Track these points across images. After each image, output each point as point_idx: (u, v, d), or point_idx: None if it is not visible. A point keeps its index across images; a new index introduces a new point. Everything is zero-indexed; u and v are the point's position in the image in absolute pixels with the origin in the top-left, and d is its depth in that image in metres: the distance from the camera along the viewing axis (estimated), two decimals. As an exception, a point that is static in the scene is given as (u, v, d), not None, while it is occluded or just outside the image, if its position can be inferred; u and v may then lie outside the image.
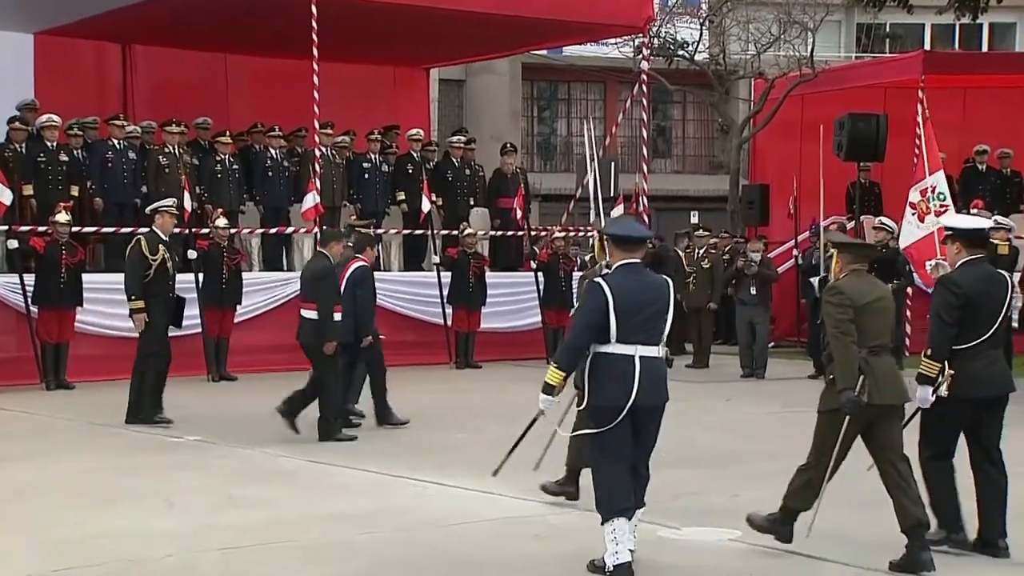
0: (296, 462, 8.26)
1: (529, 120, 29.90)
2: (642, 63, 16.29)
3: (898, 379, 5.84)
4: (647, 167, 16.91)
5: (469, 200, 15.80)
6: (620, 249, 5.56)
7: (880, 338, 5.83)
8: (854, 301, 5.77)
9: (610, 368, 5.39)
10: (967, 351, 5.81)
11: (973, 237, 5.95)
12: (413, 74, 17.99)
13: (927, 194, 12.46)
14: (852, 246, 6.09)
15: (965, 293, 5.79)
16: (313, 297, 9.04)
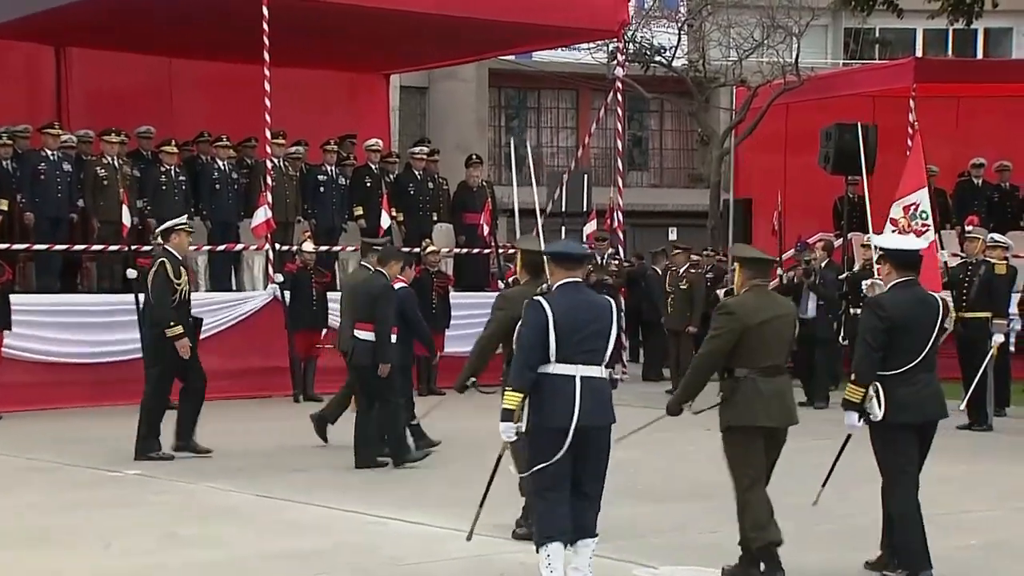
0: (244, 496, 8.21)
1: (496, 130, 29.99)
2: (617, 70, 16.39)
3: (783, 402, 6.10)
4: (622, 180, 17.00)
5: (432, 215, 15.80)
6: (561, 268, 5.76)
7: (774, 358, 6.06)
8: (746, 321, 6.00)
9: (551, 389, 5.58)
10: (897, 376, 5.98)
11: (903, 259, 6.12)
12: (372, 80, 18.01)
13: (910, 211, 12.57)
14: (753, 260, 6.24)
15: (891, 317, 5.97)
16: (369, 317, 9.12)
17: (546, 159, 30.46)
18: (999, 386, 12.01)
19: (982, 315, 11.61)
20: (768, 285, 6.25)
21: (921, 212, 12.49)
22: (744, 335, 6.00)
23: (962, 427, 11.57)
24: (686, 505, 7.79)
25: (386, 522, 7.43)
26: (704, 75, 21.68)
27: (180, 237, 9.69)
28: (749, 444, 6.04)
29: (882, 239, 6.36)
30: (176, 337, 9.54)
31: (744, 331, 6.00)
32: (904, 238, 6.42)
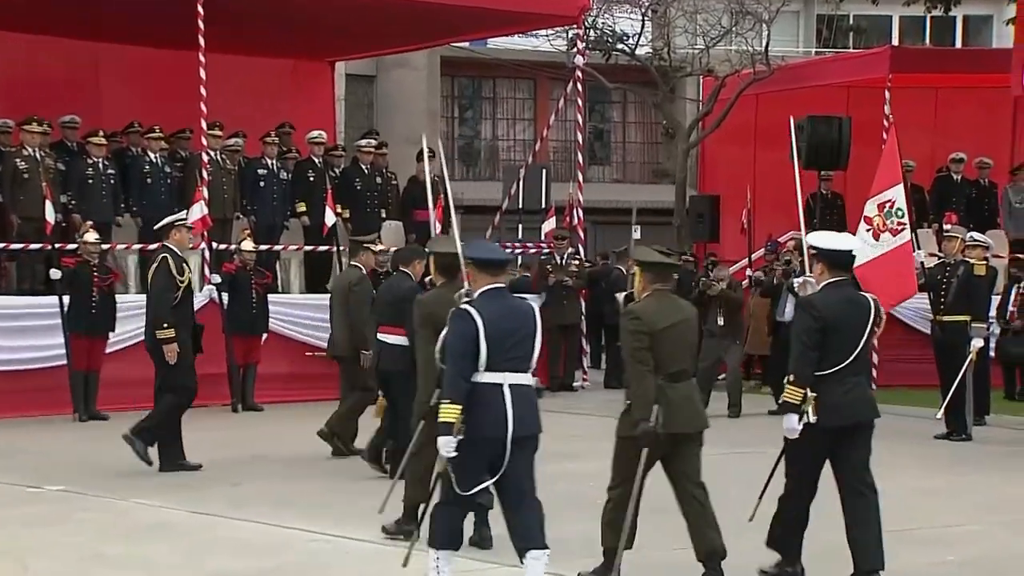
0: (175, 513, 8.14)
1: (449, 121, 29.97)
2: (577, 58, 16.41)
3: (695, 406, 6.39)
4: (582, 175, 17.02)
5: (380, 212, 15.76)
6: (484, 273, 5.98)
7: (680, 363, 6.33)
8: (652, 326, 6.24)
9: (480, 398, 5.80)
10: (828, 377, 6.21)
11: (836, 259, 6.33)
12: (316, 68, 17.93)
13: (884, 208, 12.63)
14: (655, 265, 6.44)
15: (824, 317, 6.19)
16: (398, 320, 9.01)
17: (502, 152, 30.50)
18: (978, 393, 12.12)
19: (961, 318, 11.69)
20: (670, 289, 6.48)
21: (897, 210, 12.55)
22: (651, 340, 6.22)
23: (940, 436, 11.68)
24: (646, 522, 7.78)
25: (330, 540, 7.38)
26: (669, 64, 21.74)
27: (181, 233, 9.71)
28: (650, 451, 6.24)
29: (815, 237, 6.54)
30: (166, 340, 9.53)
31: (651, 336, 6.22)
32: (837, 236, 6.59)
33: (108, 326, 12.80)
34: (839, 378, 6.22)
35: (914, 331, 15.13)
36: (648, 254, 6.60)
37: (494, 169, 29.78)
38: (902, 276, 12.23)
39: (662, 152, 30.64)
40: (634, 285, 6.61)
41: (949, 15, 21.50)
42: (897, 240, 12.43)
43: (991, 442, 11.58)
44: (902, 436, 11.95)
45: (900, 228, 12.45)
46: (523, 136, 30.20)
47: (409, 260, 9.49)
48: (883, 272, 12.34)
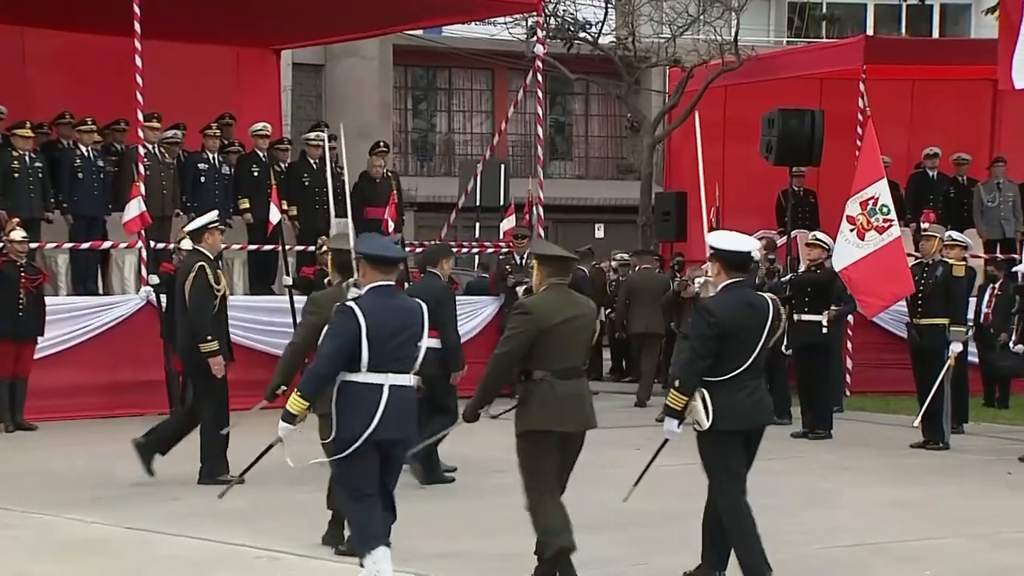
0: (110, 529, 8.06)
1: (402, 114, 29.92)
2: (537, 47, 16.42)
3: (580, 406, 6.56)
4: (543, 171, 17.02)
5: (329, 209, 15.69)
6: (374, 270, 6.14)
7: (571, 359, 6.53)
8: (542, 321, 6.43)
9: (358, 398, 6.02)
10: (728, 382, 6.40)
11: (733, 260, 6.51)
12: (260, 56, 17.84)
13: (867, 206, 12.68)
14: (552, 258, 6.65)
15: (720, 323, 6.38)
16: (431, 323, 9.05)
17: (458, 147, 30.49)
18: (957, 400, 12.21)
19: (939, 321, 11.75)
20: (567, 283, 6.66)
21: (881, 207, 12.61)
22: (541, 336, 6.40)
23: (916, 445, 11.76)
24: (612, 536, 7.80)
25: (278, 556, 7.33)
26: (634, 54, 21.80)
27: (214, 236, 9.75)
28: (544, 449, 6.45)
29: (713, 237, 6.67)
30: (211, 353, 9.50)
31: (541, 332, 6.40)
32: (736, 236, 6.70)
33: (36, 330, 12.68)
34: (739, 382, 6.41)
35: (890, 335, 15.24)
36: (546, 247, 6.86)
37: (450, 164, 29.76)
38: (897, 274, 12.30)
39: (626, 147, 30.72)
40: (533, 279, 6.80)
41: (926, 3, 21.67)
42: (885, 238, 12.49)
43: (970, 451, 11.68)
44: (877, 445, 12.05)
45: (887, 225, 12.51)
46: (480, 129, 30.20)
47: (437, 260, 9.81)
48: (874, 272, 12.43)
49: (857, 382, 15.53)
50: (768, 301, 6.58)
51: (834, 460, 11.21)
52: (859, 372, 15.60)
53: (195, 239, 9.82)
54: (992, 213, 17.12)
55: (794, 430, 12.63)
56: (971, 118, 18.28)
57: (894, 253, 12.41)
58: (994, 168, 17.32)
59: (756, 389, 6.50)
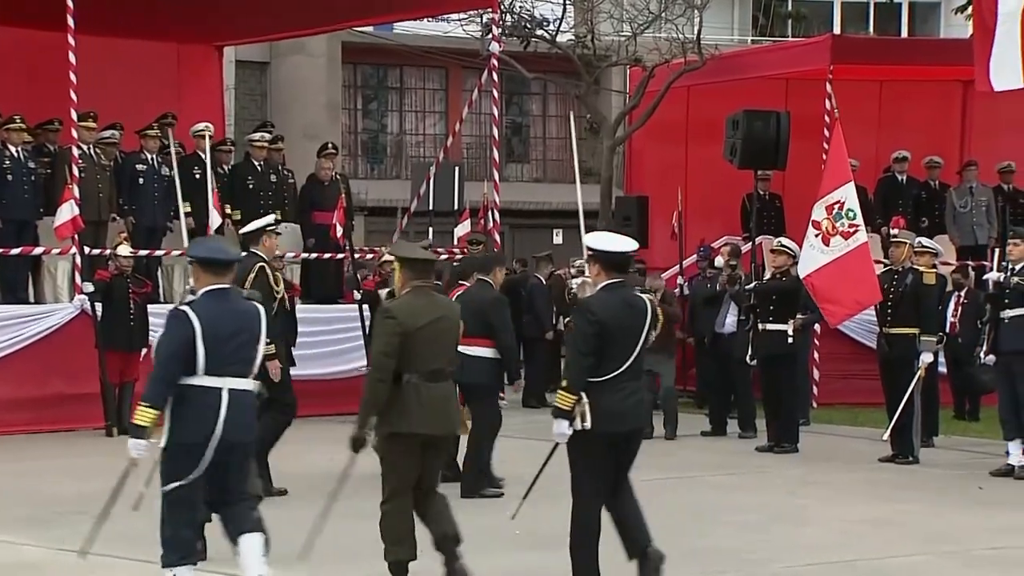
0: (42, 551, 7.99)
1: (352, 114, 29.85)
2: (492, 45, 16.42)
3: (446, 409, 6.90)
4: (499, 174, 17.03)
5: (275, 214, 15.63)
6: (207, 273, 6.35)
7: (437, 362, 6.84)
8: (407, 325, 6.73)
9: (195, 402, 6.20)
10: (605, 383, 6.61)
11: (612, 260, 6.75)
12: (201, 53, 17.76)
13: (833, 211, 12.75)
14: (413, 261, 6.98)
15: (600, 321, 6.59)
16: (481, 331, 9.70)
17: (410, 148, 30.45)
18: (927, 413, 12.29)
19: (908, 331, 11.85)
20: (431, 286, 6.99)
21: (847, 211, 12.67)
22: (407, 339, 6.71)
23: (885, 459, 11.84)
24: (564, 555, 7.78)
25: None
26: (593, 52, 21.87)
27: (271, 240, 9.88)
28: (405, 452, 6.75)
29: (591, 238, 6.91)
30: (270, 356, 9.49)
31: (406, 335, 6.71)
32: (615, 237, 6.95)
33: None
34: (617, 383, 6.61)
35: (858, 344, 15.34)
36: (407, 250, 7.13)
37: (401, 167, 29.71)
38: (863, 281, 12.37)
39: (585, 149, 30.78)
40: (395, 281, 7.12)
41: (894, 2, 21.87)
42: (851, 243, 12.55)
43: (940, 465, 11.77)
44: (845, 459, 12.13)
45: (853, 230, 12.57)
46: (433, 131, 30.18)
47: (489, 268, 10.17)
48: (839, 279, 12.49)
49: (824, 394, 15.62)
50: (647, 302, 6.84)
51: (800, 475, 11.27)
52: (826, 383, 15.69)
53: (251, 242, 9.93)
54: (964, 219, 17.25)
55: (759, 444, 12.69)
56: (941, 120, 18.44)
57: (860, 259, 12.48)
58: (966, 172, 17.46)
59: (635, 391, 6.72)
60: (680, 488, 10.47)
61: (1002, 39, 11.66)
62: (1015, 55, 11.64)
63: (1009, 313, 11.09)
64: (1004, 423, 11.22)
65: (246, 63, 25.81)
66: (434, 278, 7.08)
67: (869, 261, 12.49)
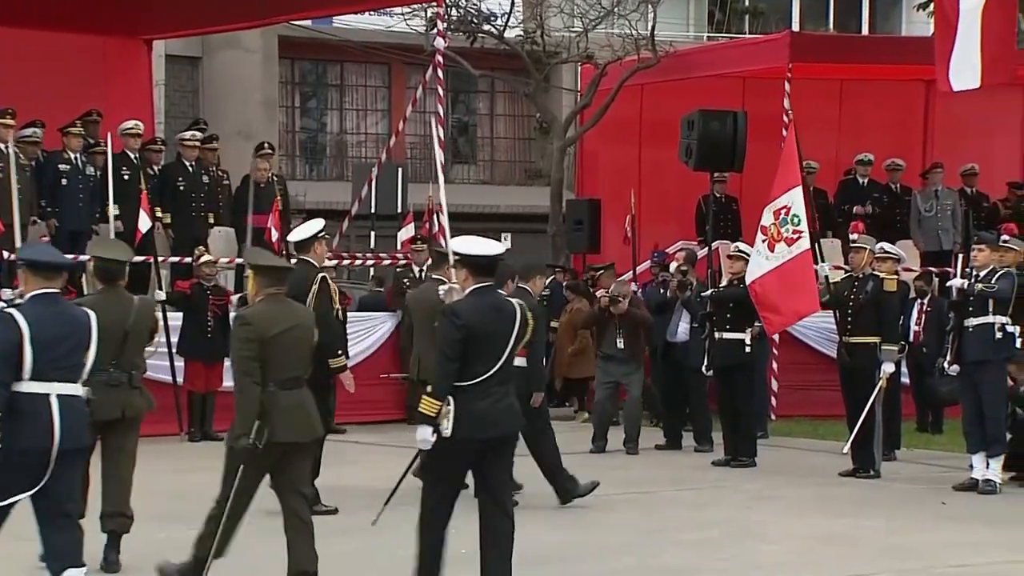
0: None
1: (289, 112, 29.73)
2: (437, 40, 16.42)
3: (307, 415, 7.11)
4: (444, 176, 16.98)
5: (208, 217, 15.56)
6: (37, 276, 6.47)
7: (293, 370, 7.06)
8: (263, 332, 6.94)
9: (23, 408, 6.27)
10: (472, 388, 6.82)
11: (479, 264, 7.00)
12: (129, 47, 17.61)
13: (780, 216, 12.81)
14: (268, 268, 7.20)
15: (467, 325, 6.82)
16: None
17: (351, 148, 30.37)
18: (889, 425, 12.38)
19: (869, 340, 11.92)
20: (283, 292, 7.18)
21: (792, 216, 12.73)
22: (262, 346, 6.91)
23: (845, 473, 11.92)
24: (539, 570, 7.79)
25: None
26: (543, 49, 21.90)
27: (322, 247, 9.97)
28: (261, 459, 6.92)
29: (457, 243, 7.16)
30: (340, 369, 9.80)
31: (262, 343, 6.91)
32: (481, 241, 7.17)
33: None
34: (484, 388, 6.81)
35: (817, 354, 15.43)
36: (261, 257, 7.38)
37: (342, 168, 29.62)
38: (802, 291, 12.44)
39: (535, 149, 30.82)
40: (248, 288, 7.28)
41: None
42: (794, 250, 12.60)
43: (902, 480, 11.86)
44: (804, 473, 12.20)
45: (796, 237, 12.61)
46: (376, 130, 30.11)
47: (528, 275, 10.38)
48: (780, 287, 12.54)
49: (783, 405, 15.70)
50: (516, 306, 7.02)
51: (758, 490, 11.32)
52: (785, 394, 15.78)
53: (302, 249, 9.98)
54: (929, 223, 17.38)
55: (715, 457, 12.74)
56: (903, 121, 18.59)
57: (801, 267, 12.55)
58: (931, 175, 17.60)
59: (504, 396, 6.90)
60: (633, 504, 10.49)
61: (963, 37, 11.77)
62: (974, 54, 11.75)
63: (973, 321, 11.21)
64: (968, 436, 11.33)
65: (177, 58, 25.65)
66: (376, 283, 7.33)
67: (810, 269, 12.56)
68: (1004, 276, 11.15)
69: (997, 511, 10.42)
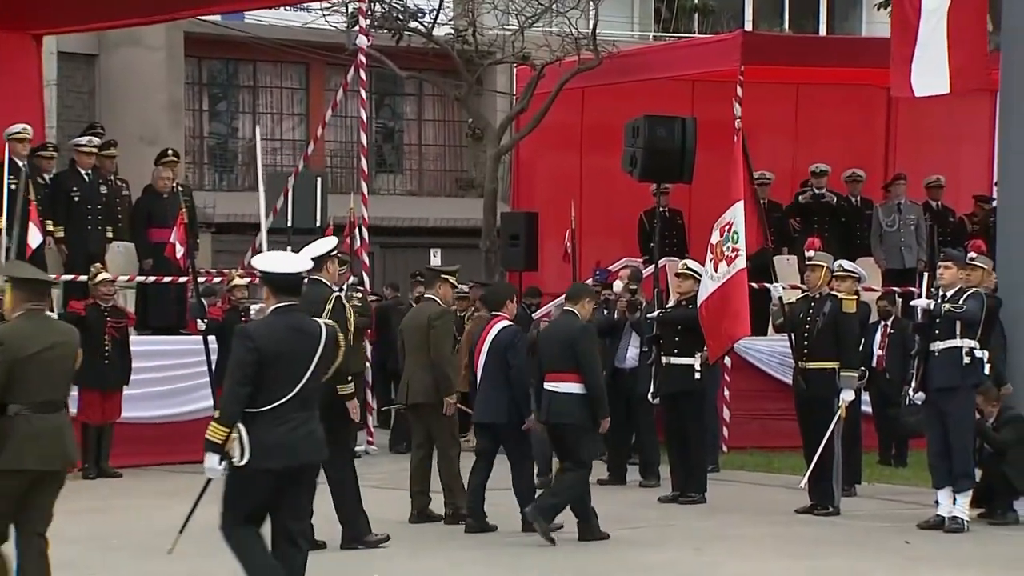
0: None
1: (196, 116, 29.57)
2: (359, 39, 16.41)
3: (59, 441, 7.18)
4: (368, 186, 16.99)
5: (105, 231, 15.46)
6: None
7: (51, 392, 7.15)
8: (16, 351, 7.02)
9: None
10: (267, 414, 6.99)
11: (280, 283, 7.20)
12: (16, 42, 17.43)
13: (725, 232, 12.90)
14: (27, 282, 7.28)
15: (260, 348, 7.00)
16: (569, 365, 10.51)
17: (266, 156, 30.23)
18: (848, 457, 12.46)
19: (827, 365, 11.99)
20: (45, 309, 7.28)
21: (733, 233, 12.83)
22: (16, 366, 7.00)
23: (802, 510, 11.98)
24: None
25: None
26: (475, 48, 21.94)
27: (334, 265, 10.19)
28: (9, 490, 7.04)
29: (259, 260, 7.37)
30: (348, 396, 9.90)
31: (15, 363, 7.00)
32: (284, 258, 7.51)
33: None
34: (281, 414, 6.99)
35: (773, 380, 15.54)
36: (19, 269, 7.49)
37: (255, 177, 29.45)
38: (737, 313, 12.54)
39: (467, 158, 30.85)
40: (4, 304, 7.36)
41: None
42: (732, 269, 12.72)
43: (863, 517, 11.94)
44: (758, 510, 12.25)
45: (735, 255, 12.71)
46: (292, 136, 30.01)
47: (580, 298, 10.75)
48: (721, 309, 12.64)
49: (735, 436, 15.78)
50: (322, 327, 7.18)
51: (709, 528, 11.36)
52: (737, 424, 15.86)
53: (313, 269, 9.91)
54: (892, 239, 17.50)
55: (662, 493, 12.77)
56: (863, 128, 18.78)
57: (736, 288, 12.65)
58: (893, 187, 17.74)
59: (304, 422, 7.06)
60: (573, 545, 10.49)
61: (927, 39, 11.89)
62: (941, 58, 11.87)
63: (940, 345, 11.30)
64: (933, 469, 11.40)
65: (70, 55, 25.43)
66: None
67: (744, 290, 12.67)
68: (972, 296, 11.24)
69: (965, 551, 10.52)
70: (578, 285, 11.82)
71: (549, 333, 11.18)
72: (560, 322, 11.08)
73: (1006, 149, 13.06)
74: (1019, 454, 11.45)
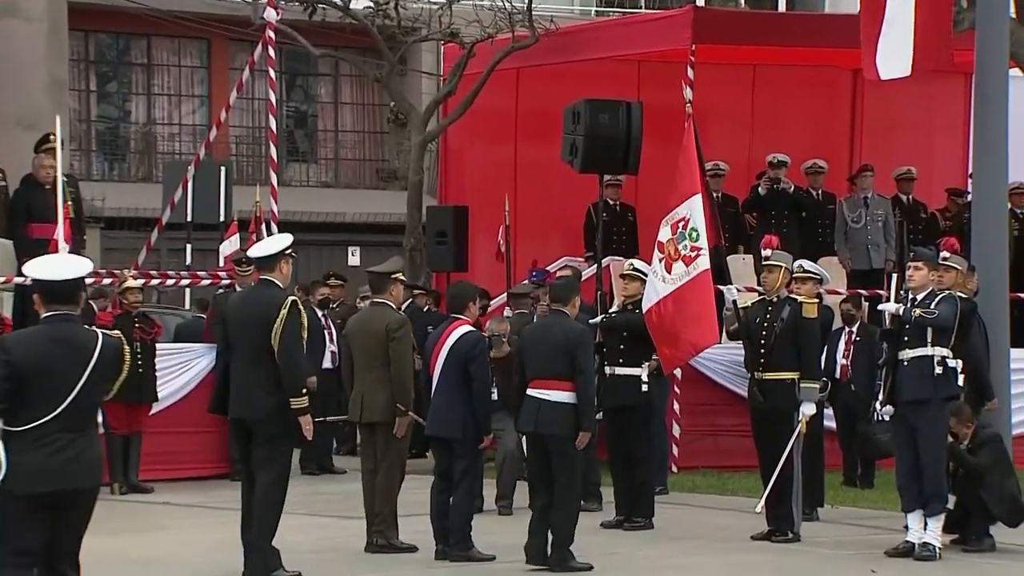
0: None
1: (83, 97, 29.40)
2: (267, 12, 16.40)
3: None
4: (277, 177, 16.97)
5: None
6: None
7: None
8: None
9: None
10: (29, 434, 7.06)
11: (51, 290, 7.28)
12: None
13: (678, 229, 12.95)
14: None
15: (14, 361, 7.08)
16: (561, 372, 10.63)
17: (162, 143, 30.11)
18: (810, 478, 12.54)
19: (786, 376, 12.07)
20: None
21: (691, 231, 12.88)
22: None
23: (759, 536, 12.08)
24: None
25: None
26: (397, 24, 21.94)
27: (288, 266, 10.29)
28: None
29: (30, 266, 7.43)
30: (301, 411, 10.03)
31: None
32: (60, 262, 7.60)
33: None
34: (43, 435, 7.04)
35: (727, 393, 15.61)
36: None
37: (150, 166, 29.36)
38: (700, 319, 12.60)
39: (389, 146, 30.86)
40: None
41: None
42: (691, 271, 12.77)
43: (825, 543, 12.04)
44: (711, 537, 12.34)
45: (695, 255, 12.75)
46: (192, 120, 29.93)
47: (569, 296, 10.94)
48: (677, 315, 12.71)
49: (686, 455, 15.85)
50: (98, 339, 7.20)
51: (657, 558, 11.45)
52: (689, 441, 15.92)
53: (265, 269, 10.27)
54: (858, 236, 17.54)
55: (605, 518, 12.82)
56: (827, 114, 18.91)
57: (700, 291, 12.71)
58: (859, 179, 17.81)
59: (70, 444, 7.10)
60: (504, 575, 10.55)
61: (893, 18, 12.05)
62: (906, 39, 12.03)
63: (909, 354, 11.39)
64: (903, 491, 11.49)
65: (-59, 29, 25.23)
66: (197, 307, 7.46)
67: (710, 293, 12.73)
68: (945, 300, 11.33)
69: (936, 581, 10.65)
70: (566, 282, 11.88)
71: (539, 335, 11.12)
72: (552, 324, 11.04)
73: (981, 137, 13.20)
74: (996, 477, 11.57)
